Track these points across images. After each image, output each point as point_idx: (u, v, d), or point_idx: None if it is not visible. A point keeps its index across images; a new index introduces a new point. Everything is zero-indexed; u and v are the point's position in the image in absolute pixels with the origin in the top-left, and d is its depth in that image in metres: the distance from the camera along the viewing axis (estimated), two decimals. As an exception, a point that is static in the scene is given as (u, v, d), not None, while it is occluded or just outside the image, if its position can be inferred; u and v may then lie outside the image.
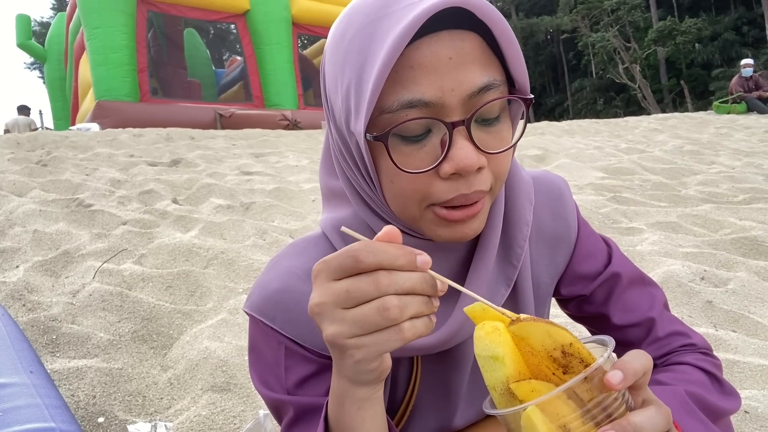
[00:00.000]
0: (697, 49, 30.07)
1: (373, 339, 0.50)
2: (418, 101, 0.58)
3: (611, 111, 31.85)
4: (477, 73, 0.59)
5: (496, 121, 0.62)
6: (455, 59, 0.58)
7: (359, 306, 0.49)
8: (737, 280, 2.48)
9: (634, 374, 0.50)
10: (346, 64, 0.61)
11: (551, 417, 0.48)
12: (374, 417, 0.61)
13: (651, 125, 9.48)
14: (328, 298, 0.51)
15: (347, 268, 0.50)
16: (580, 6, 31.54)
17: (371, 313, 0.49)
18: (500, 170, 0.63)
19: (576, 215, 0.84)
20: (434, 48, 0.58)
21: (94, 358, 1.92)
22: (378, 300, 0.49)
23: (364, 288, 0.49)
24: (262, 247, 3.02)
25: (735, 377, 1.84)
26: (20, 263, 2.68)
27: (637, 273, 0.85)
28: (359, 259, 0.49)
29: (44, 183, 4.29)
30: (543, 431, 0.48)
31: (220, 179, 4.83)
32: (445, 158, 0.59)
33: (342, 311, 0.50)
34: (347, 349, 0.51)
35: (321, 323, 0.52)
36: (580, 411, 0.48)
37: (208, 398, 1.73)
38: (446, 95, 0.58)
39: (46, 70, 16.45)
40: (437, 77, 0.58)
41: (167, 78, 12.96)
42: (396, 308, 0.49)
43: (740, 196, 4.24)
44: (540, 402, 0.48)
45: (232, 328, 2.13)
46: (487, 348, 0.51)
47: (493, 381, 0.51)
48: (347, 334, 0.50)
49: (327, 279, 0.51)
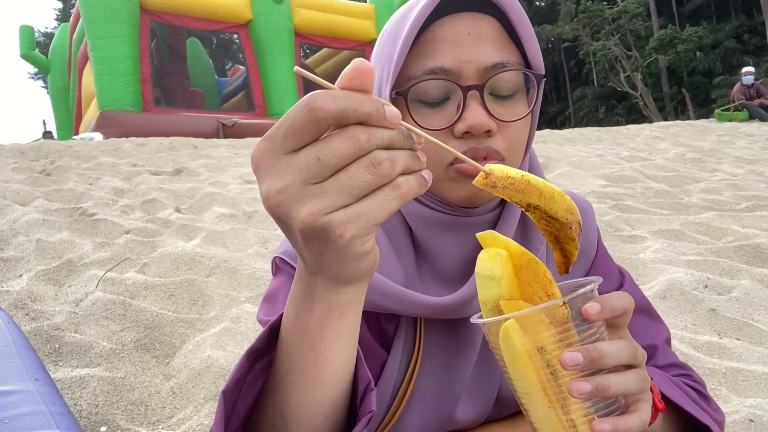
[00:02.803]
0: (699, 57, 30.13)
1: (367, 204, 0.41)
2: (439, 68, 0.66)
3: (613, 119, 31.89)
4: (492, 50, 0.67)
5: (511, 98, 0.69)
6: (473, 35, 0.67)
7: (340, 171, 0.40)
8: (741, 288, 2.47)
9: (612, 310, 0.53)
10: (384, 47, 0.71)
11: (529, 335, 0.51)
12: (353, 328, 0.53)
13: (653, 133, 9.49)
14: (292, 177, 0.40)
15: (302, 126, 0.39)
16: (581, 15, 31.67)
17: (360, 172, 0.40)
18: (513, 140, 0.69)
19: (597, 236, 0.88)
20: (455, 24, 0.67)
21: (96, 367, 1.92)
22: (365, 157, 0.40)
23: (341, 148, 0.39)
24: (264, 256, 3.02)
25: (739, 385, 1.83)
26: (23, 272, 2.69)
27: (647, 304, 0.86)
28: (316, 107, 0.39)
29: (48, 192, 4.31)
30: (518, 344, 0.51)
31: (222, 188, 4.84)
32: (459, 119, 0.66)
33: (317, 185, 0.40)
34: (334, 228, 0.40)
35: (288, 211, 0.41)
36: (557, 335, 0.51)
37: (210, 407, 1.72)
38: (463, 65, 0.66)
39: (50, 80, 16.55)
40: (456, 49, 0.66)
41: (170, 87, 13.03)
42: (387, 161, 0.41)
43: (743, 203, 4.24)
44: (520, 316, 0.51)
45: (234, 336, 2.13)
46: (486, 268, 0.54)
47: (486, 297, 0.54)
48: (332, 206, 0.40)
49: (279, 155, 0.40)
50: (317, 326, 0.50)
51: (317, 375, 0.52)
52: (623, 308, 0.54)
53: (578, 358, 0.50)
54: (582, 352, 0.50)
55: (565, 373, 0.51)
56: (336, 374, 0.53)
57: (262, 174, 0.41)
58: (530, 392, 0.53)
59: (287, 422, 0.54)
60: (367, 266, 0.46)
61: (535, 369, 0.52)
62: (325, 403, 0.54)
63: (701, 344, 2.08)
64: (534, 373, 0.52)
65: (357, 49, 14.02)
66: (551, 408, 0.52)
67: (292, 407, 0.54)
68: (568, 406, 0.52)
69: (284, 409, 0.54)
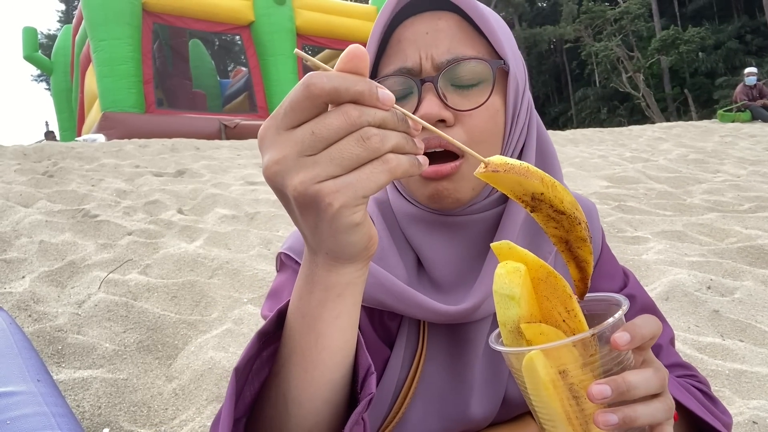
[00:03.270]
0: (701, 57, 30.10)
1: (355, 175, 0.43)
2: (403, 67, 0.71)
3: (615, 120, 31.86)
4: (449, 46, 0.70)
5: (473, 87, 0.70)
6: (431, 34, 0.70)
7: (332, 144, 0.43)
8: (744, 289, 2.46)
9: (641, 338, 0.51)
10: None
11: (553, 361, 0.50)
12: (352, 311, 0.53)
13: (655, 134, 9.47)
14: (289, 149, 0.43)
15: (299, 102, 0.43)
16: (583, 16, 31.67)
17: (350, 145, 0.43)
18: (474, 130, 0.70)
19: (601, 236, 0.88)
20: (416, 25, 0.71)
21: (99, 369, 1.92)
22: (357, 131, 0.43)
23: (333, 123, 0.42)
24: (266, 257, 3.02)
25: (743, 387, 1.82)
26: (26, 274, 2.69)
27: (652, 304, 0.86)
28: (311, 83, 0.42)
29: (50, 194, 4.31)
30: (542, 374, 0.49)
31: (224, 189, 4.84)
32: (416, 110, 0.68)
33: (310, 157, 0.43)
34: (324, 196, 0.43)
35: (283, 180, 0.44)
36: (582, 361, 0.50)
37: (213, 409, 1.73)
38: (423, 62, 0.70)
39: (53, 81, 16.58)
40: (416, 48, 0.70)
41: (172, 89, 13.05)
42: (377, 137, 0.43)
43: (746, 204, 4.23)
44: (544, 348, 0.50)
45: (237, 338, 2.13)
46: (505, 287, 0.52)
47: (505, 318, 0.53)
48: (322, 175, 0.43)
49: (280, 130, 0.44)
50: (317, 307, 0.52)
51: (316, 356, 0.53)
52: (651, 335, 0.53)
53: (606, 391, 0.48)
54: (610, 385, 0.49)
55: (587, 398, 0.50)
56: (334, 356, 0.54)
57: (265, 148, 0.45)
58: (554, 419, 0.52)
59: (288, 403, 0.55)
60: (361, 242, 0.48)
61: (559, 398, 0.50)
62: (325, 385, 0.54)
63: (704, 346, 2.08)
64: (558, 402, 0.50)
65: (359, 50, 14.02)
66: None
67: (293, 389, 0.54)
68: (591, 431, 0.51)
69: (286, 390, 0.55)
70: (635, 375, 0.50)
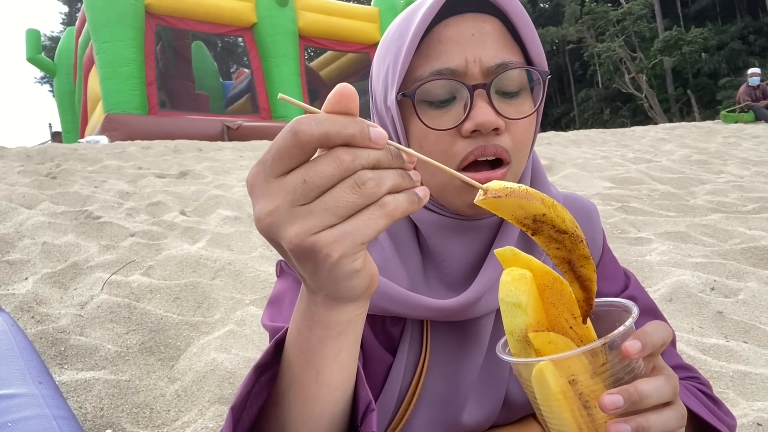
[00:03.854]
0: (704, 58, 30.03)
1: (353, 224, 0.41)
2: (445, 69, 0.67)
3: (618, 121, 31.81)
4: (496, 50, 0.68)
5: (516, 96, 0.69)
6: (477, 36, 0.68)
7: (326, 192, 0.41)
8: (748, 291, 2.46)
9: (653, 346, 0.50)
10: (387, 51, 0.72)
11: (562, 370, 0.49)
12: (353, 347, 0.52)
13: (658, 135, 9.46)
14: (281, 199, 0.41)
15: (287, 150, 0.40)
16: (586, 17, 31.63)
17: (344, 192, 0.40)
18: (519, 139, 0.69)
19: (602, 238, 0.87)
20: (459, 26, 0.68)
21: (101, 370, 1.92)
22: (350, 177, 0.41)
23: (325, 170, 0.40)
24: (269, 258, 3.02)
25: (747, 389, 1.82)
26: (29, 275, 2.70)
27: (653, 305, 0.86)
28: (299, 131, 0.39)
29: (53, 195, 4.32)
30: (552, 384, 0.49)
31: (227, 191, 4.84)
32: (467, 118, 0.66)
33: (303, 207, 0.41)
34: (321, 248, 0.41)
35: (277, 232, 0.42)
36: (591, 370, 0.49)
37: (215, 410, 1.72)
38: (469, 65, 0.67)
39: (56, 83, 16.63)
40: (461, 49, 0.67)
41: (175, 91, 13.08)
42: (372, 181, 0.41)
43: (749, 205, 4.21)
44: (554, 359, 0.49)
45: (239, 339, 2.13)
46: (511, 294, 0.52)
47: (512, 327, 0.52)
48: (318, 226, 0.41)
49: (269, 178, 0.41)
50: (317, 344, 0.50)
51: (316, 392, 0.52)
52: (662, 342, 0.52)
53: (619, 401, 0.48)
54: (622, 394, 0.48)
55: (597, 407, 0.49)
56: (334, 392, 0.53)
57: (255, 197, 0.42)
58: (565, 430, 0.51)
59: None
60: (362, 285, 0.46)
61: (569, 408, 0.50)
62: (324, 419, 0.53)
63: (708, 347, 2.07)
64: (569, 412, 0.50)
65: (361, 51, 14.04)
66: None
67: (292, 422, 0.53)
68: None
69: (284, 423, 0.54)
70: (647, 384, 0.50)
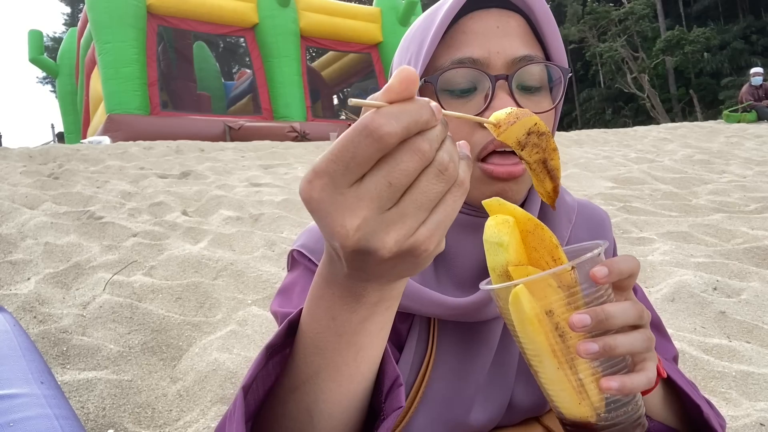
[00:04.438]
0: (706, 58, 29.99)
1: (442, 212, 0.40)
2: (467, 58, 0.67)
3: (620, 121, 31.78)
4: (519, 44, 0.68)
5: (537, 91, 0.70)
6: (501, 29, 0.68)
7: (411, 188, 0.38)
8: (750, 291, 2.45)
9: (619, 273, 0.54)
10: (411, 42, 0.73)
11: (538, 299, 0.53)
12: (392, 320, 0.51)
13: (660, 135, 9.44)
14: (366, 209, 0.38)
15: (369, 155, 0.37)
16: (588, 17, 31.59)
17: (431, 184, 0.38)
18: None
19: (613, 246, 0.88)
20: (484, 19, 0.69)
21: (104, 370, 1.93)
22: (431, 166, 0.39)
23: (409, 167, 0.37)
24: (271, 259, 3.02)
25: (749, 389, 1.81)
26: (31, 275, 2.70)
27: (658, 320, 0.86)
28: (384, 133, 0.36)
29: (56, 196, 4.33)
30: (527, 308, 0.52)
31: (229, 191, 4.85)
32: (487, 107, 0.66)
33: (393, 210, 0.38)
34: (420, 246, 0.39)
35: (370, 245, 0.38)
36: (566, 301, 0.53)
37: (217, 410, 1.72)
38: (492, 56, 0.67)
39: (58, 84, 16.67)
40: (485, 40, 0.68)
41: (177, 91, 13.09)
42: (451, 163, 0.39)
43: (752, 205, 4.20)
44: (528, 282, 0.52)
45: (241, 339, 2.13)
46: (494, 235, 0.55)
47: (494, 263, 0.56)
48: (414, 226, 0.39)
49: (341, 190, 0.38)
50: (359, 323, 0.49)
51: (355, 370, 0.52)
52: (630, 271, 0.56)
53: (586, 319, 0.51)
54: (590, 314, 0.51)
55: (573, 335, 0.53)
56: (372, 366, 0.53)
57: (325, 213, 0.38)
58: (540, 354, 0.54)
59: (314, 417, 0.54)
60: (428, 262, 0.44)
61: (544, 332, 0.53)
62: (358, 396, 0.54)
63: (711, 347, 2.06)
64: (543, 336, 0.53)
65: (363, 51, 14.05)
66: (560, 369, 0.54)
67: (321, 402, 0.53)
68: (576, 366, 0.54)
69: (311, 405, 0.54)
70: (613, 306, 0.53)
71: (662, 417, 0.71)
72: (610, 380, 0.53)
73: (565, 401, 0.55)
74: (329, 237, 0.40)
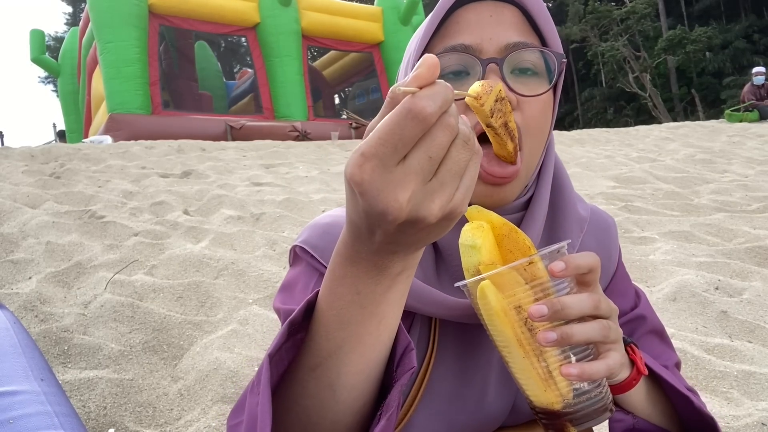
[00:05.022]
0: (708, 57, 29.95)
1: (469, 177, 0.45)
2: (460, 45, 0.69)
3: (621, 120, 31.74)
4: (513, 32, 0.70)
5: (532, 74, 0.71)
6: (495, 18, 0.70)
7: (445, 159, 0.43)
8: (752, 290, 2.45)
9: (576, 267, 0.58)
10: (413, 40, 0.76)
11: (507, 295, 0.57)
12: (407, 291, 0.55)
13: (662, 134, 9.43)
14: (413, 183, 0.42)
15: (414, 136, 0.42)
16: (590, 16, 31.55)
17: (460, 153, 0.44)
18: (531, 120, 0.70)
19: (618, 252, 0.88)
20: (478, 9, 0.71)
21: (105, 369, 1.93)
22: (458, 138, 0.44)
23: (443, 140, 0.43)
24: (272, 258, 3.02)
25: (751, 389, 1.81)
26: (33, 274, 2.71)
27: (661, 327, 0.86)
28: (426, 113, 0.41)
29: (57, 195, 4.33)
30: (493, 302, 0.56)
31: (230, 190, 4.85)
32: None
33: (434, 180, 0.43)
34: (456, 208, 0.45)
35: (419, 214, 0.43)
36: (532, 295, 0.57)
37: (218, 409, 1.73)
38: (484, 42, 0.69)
39: (60, 84, 16.67)
40: (478, 28, 0.70)
41: (179, 91, 13.08)
42: (471, 133, 0.45)
43: (754, 204, 4.20)
44: (495, 277, 0.56)
45: (242, 339, 2.13)
46: (469, 238, 0.59)
47: (468, 264, 0.59)
48: (452, 192, 0.44)
49: (390, 168, 0.42)
50: (382, 293, 0.52)
51: (377, 339, 0.54)
52: (588, 266, 0.59)
53: (543, 309, 0.55)
54: (546, 304, 0.55)
55: (539, 327, 0.57)
56: (391, 334, 0.56)
57: (377, 191, 0.42)
58: (508, 345, 0.58)
59: (336, 391, 0.56)
60: None
61: (510, 324, 0.57)
62: (378, 363, 0.56)
63: (712, 347, 2.06)
64: (509, 327, 0.57)
65: (364, 51, 14.03)
66: (526, 358, 0.58)
67: (344, 375, 0.55)
68: (542, 355, 0.58)
69: (334, 380, 0.56)
70: (569, 297, 0.57)
71: (648, 414, 0.71)
72: (569, 367, 0.56)
73: (533, 389, 0.59)
74: (381, 213, 0.43)
